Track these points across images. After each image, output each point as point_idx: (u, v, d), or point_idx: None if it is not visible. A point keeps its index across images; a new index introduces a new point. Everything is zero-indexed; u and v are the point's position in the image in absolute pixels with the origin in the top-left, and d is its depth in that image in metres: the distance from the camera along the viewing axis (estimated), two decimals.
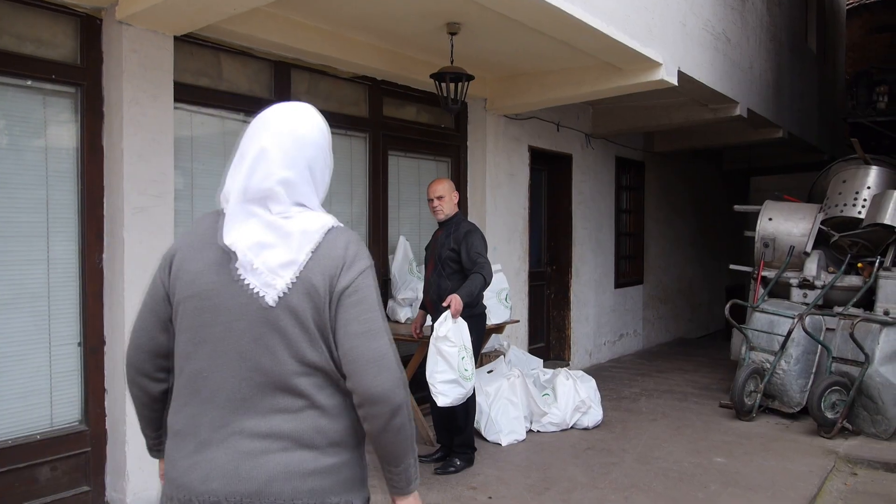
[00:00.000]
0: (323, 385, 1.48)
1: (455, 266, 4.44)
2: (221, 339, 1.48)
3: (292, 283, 1.45)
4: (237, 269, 1.47)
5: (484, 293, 4.57)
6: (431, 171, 6.17)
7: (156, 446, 1.74)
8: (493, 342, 6.00)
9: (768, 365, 5.86)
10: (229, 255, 1.48)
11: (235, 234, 1.48)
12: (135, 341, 1.62)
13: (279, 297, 1.45)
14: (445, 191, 4.55)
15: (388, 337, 1.51)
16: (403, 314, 5.48)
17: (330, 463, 1.48)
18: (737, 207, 7.66)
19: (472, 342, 4.46)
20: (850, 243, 6.32)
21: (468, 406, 4.51)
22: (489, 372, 5.41)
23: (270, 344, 1.45)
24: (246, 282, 1.47)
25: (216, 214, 1.56)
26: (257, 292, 1.46)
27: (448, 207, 4.56)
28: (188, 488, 1.47)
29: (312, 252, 1.47)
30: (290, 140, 1.52)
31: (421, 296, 4.84)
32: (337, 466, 1.49)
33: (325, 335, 1.47)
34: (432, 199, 4.56)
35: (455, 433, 4.56)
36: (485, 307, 4.70)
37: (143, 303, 1.63)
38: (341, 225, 1.55)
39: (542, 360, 6.26)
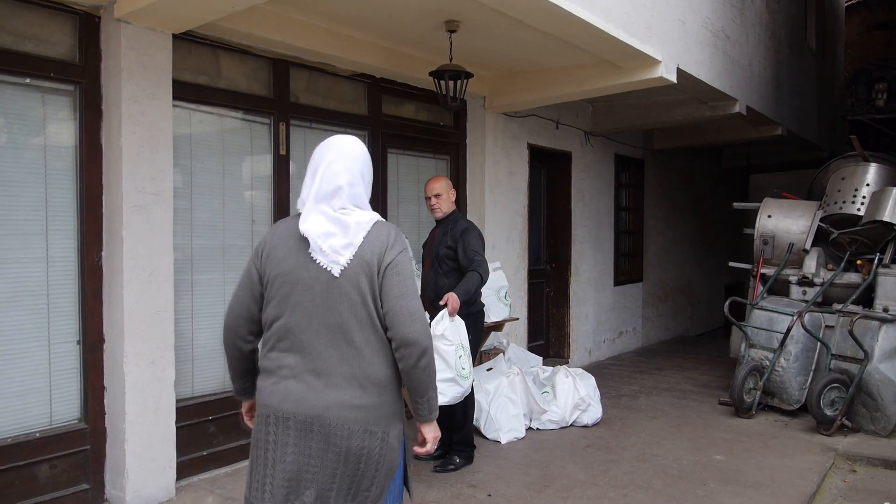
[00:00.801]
0: (370, 337, 2.05)
1: (452, 264, 4.44)
2: (299, 304, 2.06)
3: (350, 259, 2.03)
4: (310, 252, 2.05)
5: (482, 291, 4.57)
6: (430, 169, 6.17)
7: (242, 391, 2.33)
8: (492, 340, 6.00)
9: (767, 362, 5.86)
10: (305, 242, 2.06)
11: (307, 225, 2.05)
12: (234, 311, 2.20)
13: (342, 270, 2.03)
14: (443, 189, 4.55)
15: (418, 299, 2.09)
16: None
17: (372, 401, 2.05)
18: (736, 205, 7.65)
19: (471, 340, 4.45)
20: (849, 240, 6.32)
21: (466, 404, 4.51)
22: (488, 370, 5.41)
23: (335, 305, 2.03)
24: (317, 261, 2.05)
25: (295, 217, 2.14)
26: (326, 267, 2.04)
27: (445, 205, 4.56)
28: (269, 406, 2.09)
29: (364, 238, 2.05)
30: (348, 156, 2.12)
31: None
32: (377, 404, 2.06)
33: (374, 297, 2.05)
34: (430, 198, 4.57)
35: (454, 431, 4.56)
36: (483, 305, 4.70)
37: (241, 283, 2.20)
38: (383, 219, 2.15)
39: (541, 358, 6.27)
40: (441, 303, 4.10)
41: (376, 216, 2.12)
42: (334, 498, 2.05)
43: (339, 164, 2.10)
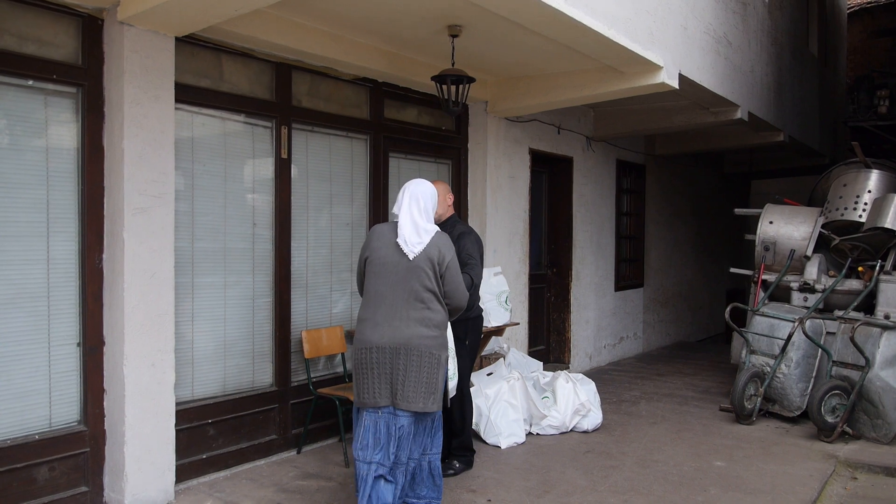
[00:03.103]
0: (432, 299, 3.36)
1: None
2: (389, 277, 3.35)
3: (420, 252, 3.35)
4: (398, 243, 3.37)
5: (482, 295, 4.56)
6: (432, 174, 6.17)
7: None
8: (492, 345, 6.00)
9: (768, 369, 5.85)
10: (395, 237, 3.39)
11: (402, 221, 3.41)
12: (359, 280, 3.55)
13: (414, 256, 3.33)
14: (438, 193, 4.52)
15: (462, 281, 3.48)
16: None
17: (434, 334, 3.34)
18: (737, 211, 7.65)
19: (470, 345, 4.46)
20: (850, 247, 6.32)
21: (465, 409, 4.51)
22: (489, 374, 5.40)
23: (411, 277, 3.33)
24: (402, 249, 3.36)
25: (392, 223, 3.50)
26: (406, 253, 3.34)
27: (441, 209, 4.52)
28: (370, 342, 3.32)
29: (429, 241, 3.38)
30: (421, 185, 3.52)
31: None
32: (436, 336, 3.35)
33: (436, 276, 3.37)
34: None
35: (453, 436, 4.56)
36: (482, 309, 4.68)
37: (359, 262, 3.54)
38: (440, 230, 3.48)
39: (541, 363, 6.25)
40: None
41: (437, 228, 3.47)
42: (414, 393, 3.29)
43: (417, 189, 3.49)
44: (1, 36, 3.51)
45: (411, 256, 3.32)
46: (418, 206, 3.43)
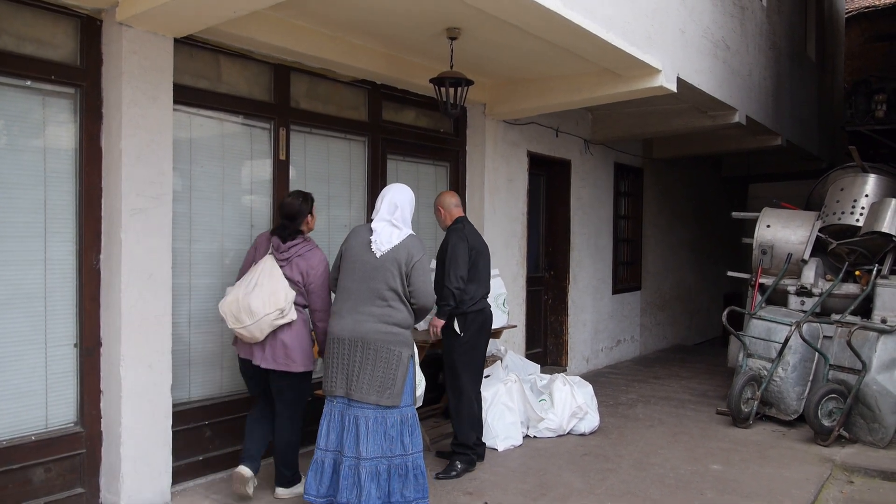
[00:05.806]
0: (395, 298, 3.59)
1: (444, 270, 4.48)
2: (357, 272, 3.63)
3: (388, 251, 3.60)
4: (371, 242, 3.64)
5: (479, 293, 4.57)
6: (430, 176, 6.17)
7: None
8: (490, 347, 5.98)
9: (765, 372, 5.86)
10: (368, 239, 3.67)
11: (378, 226, 3.69)
12: (332, 276, 3.83)
13: (381, 255, 3.59)
14: (435, 206, 4.75)
15: (431, 283, 3.70)
16: None
17: (394, 331, 3.55)
18: (735, 214, 7.66)
19: (469, 341, 4.53)
20: (847, 251, 6.33)
21: (458, 405, 4.55)
22: (486, 377, 5.40)
23: (377, 275, 3.59)
24: (372, 249, 3.62)
25: (368, 224, 3.77)
26: (374, 252, 3.60)
27: (440, 222, 4.73)
28: (335, 333, 3.60)
29: (399, 243, 3.63)
30: (399, 192, 3.81)
31: None
32: (396, 333, 3.55)
33: (401, 277, 3.59)
34: None
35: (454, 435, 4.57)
36: (485, 304, 4.66)
37: (335, 261, 3.82)
38: (414, 233, 3.73)
39: (539, 366, 6.26)
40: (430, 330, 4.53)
41: (410, 232, 3.71)
42: (368, 385, 3.48)
43: (396, 195, 3.78)
44: None
45: (378, 255, 3.59)
46: (395, 209, 3.70)
